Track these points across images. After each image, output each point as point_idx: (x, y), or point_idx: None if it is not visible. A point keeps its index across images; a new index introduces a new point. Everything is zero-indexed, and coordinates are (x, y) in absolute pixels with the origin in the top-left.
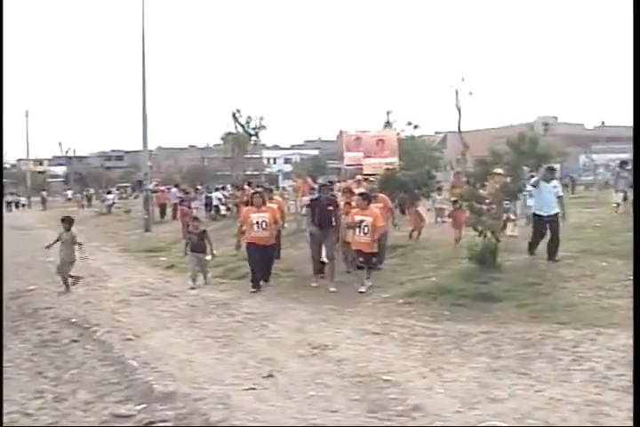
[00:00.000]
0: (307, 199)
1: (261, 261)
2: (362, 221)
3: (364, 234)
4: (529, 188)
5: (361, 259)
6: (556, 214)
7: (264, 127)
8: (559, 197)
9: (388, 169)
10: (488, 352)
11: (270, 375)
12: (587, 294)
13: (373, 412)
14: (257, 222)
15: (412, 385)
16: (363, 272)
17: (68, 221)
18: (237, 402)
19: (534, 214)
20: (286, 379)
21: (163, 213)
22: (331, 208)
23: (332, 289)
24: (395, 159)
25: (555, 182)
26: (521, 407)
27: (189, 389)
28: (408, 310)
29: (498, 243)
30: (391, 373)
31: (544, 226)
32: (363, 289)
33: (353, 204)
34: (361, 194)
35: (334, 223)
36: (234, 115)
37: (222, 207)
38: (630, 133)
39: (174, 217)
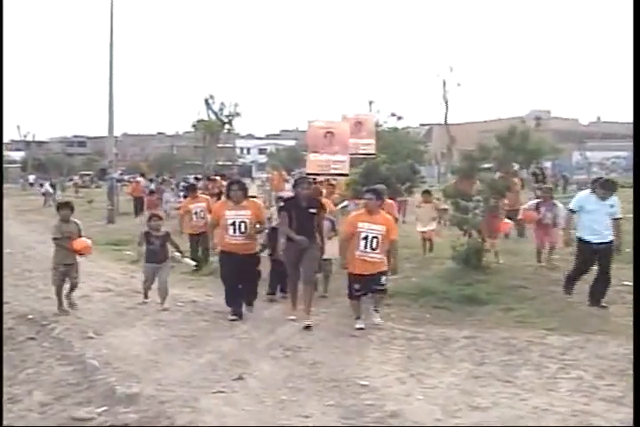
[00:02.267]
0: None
1: (239, 279)
2: (368, 232)
3: (372, 249)
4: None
5: (357, 286)
6: (610, 242)
7: (238, 115)
8: (615, 220)
9: (366, 155)
10: (471, 358)
11: (240, 378)
12: (576, 298)
13: (349, 418)
14: (233, 223)
15: (391, 391)
16: (358, 303)
17: (67, 208)
18: (205, 405)
19: (579, 240)
20: (257, 382)
21: (140, 210)
22: (313, 211)
23: (308, 323)
24: (372, 140)
25: (613, 200)
26: (504, 416)
27: (154, 391)
28: (387, 312)
29: (483, 243)
30: (368, 377)
31: (591, 256)
32: (361, 325)
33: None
34: (371, 190)
35: (318, 233)
36: (206, 101)
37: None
38: (626, 131)
39: (141, 209)
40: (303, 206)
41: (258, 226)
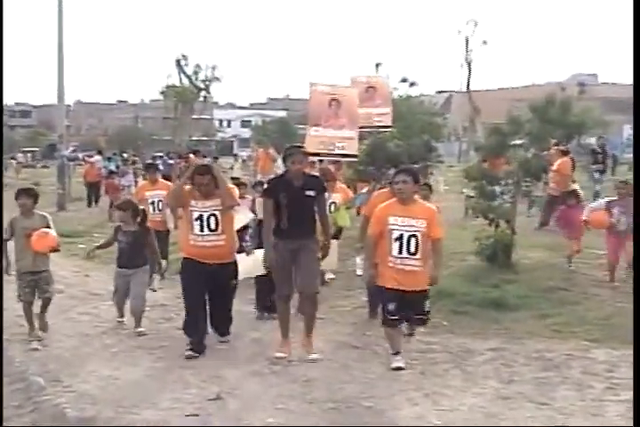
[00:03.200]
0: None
1: (208, 298)
2: (403, 230)
3: (410, 254)
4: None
5: (392, 306)
6: None
7: (217, 80)
8: None
9: (380, 128)
10: (497, 375)
11: (218, 398)
12: (625, 303)
13: None
14: (200, 218)
15: (400, 414)
16: (394, 332)
17: (28, 197)
18: None
19: None
20: (238, 402)
21: (95, 198)
22: (310, 193)
23: (313, 357)
24: (388, 110)
25: None
26: None
27: (113, 413)
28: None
29: (513, 236)
30: (373, 398)
31: None
32: (400, 364)
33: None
34: (404, 171)
35: (322, 225)
36: (178, 62)
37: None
38: None
39: (96, 199)
40: (296, 188)
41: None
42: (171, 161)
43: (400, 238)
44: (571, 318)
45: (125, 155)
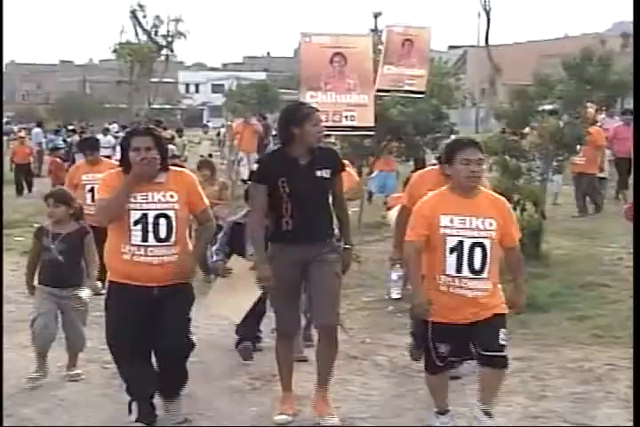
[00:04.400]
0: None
1: (151, 342)
2: (465, 236)
3: (473, 272)
4: None
5: (444, 348)
6: None
7: (182, 35)
8: None
9: (412, 93)
10: (527, 389)
11: (187, 421)
12: None
13: None
14: (143, 221)
15: None
16: (441, 381)
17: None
18: None
19: None
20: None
21: (27, 185)
22: (324, 175)
23: (333, 422)
24: (423, 71)
25: None
26: None
27: None
28: (402, 323)
29: (543, 221)
30: (375, 418)
31: None
32: (450, 424)
33: None
34: (469, 143)
35: (340, 221)
36: (133, 13)
37: None
38: None
39: (28, 184)
40: (302, 167)
41: (198, 227)
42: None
43: (458, 249)
44: (613, 320)
45: (72, 127)
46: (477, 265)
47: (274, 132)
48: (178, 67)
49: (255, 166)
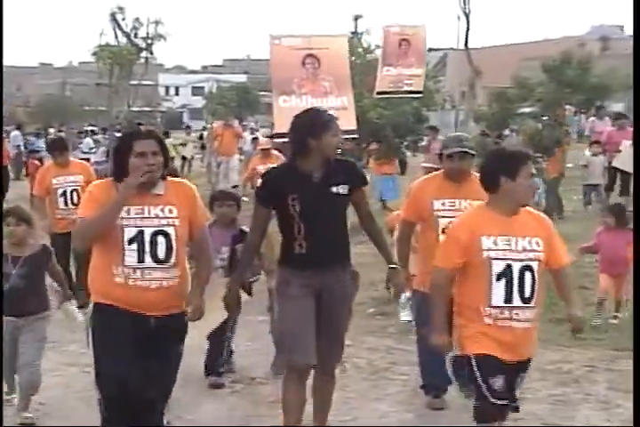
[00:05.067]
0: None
1: (144, 383)
2: (512, 258)
3: (524, 301)
4: None
5: (499, 383)
6: None
7: (162, 38)
8: None
9: (410, 93)
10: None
11: (168, 422)
12: None
13: None
14: (138, 238)
15: None
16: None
17: None
18: None
19: None
20: None
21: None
22: (341, 191)
23: None
24: (421, 71)
25: None
26: None
27: None
28: (382, 325)
29: None
30: (358, 420)
31: None
32: None
33: None
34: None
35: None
36: (113, 16)
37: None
38: None
39: (9, 180)
40: (316, 183)
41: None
42: (97, 136)
43: (506, 274)
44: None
45: (52, 130)
46: (528, 292)
47: (255, 136)
48: (158, 69)
49: (260, 182)
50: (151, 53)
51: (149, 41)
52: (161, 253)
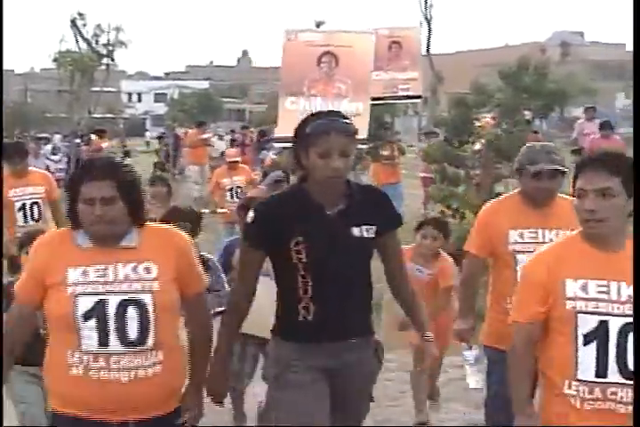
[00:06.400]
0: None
1: None
2: (609, 314)
3: (627, 376)
4: None
5: None
6: None
7: (123, 44)
8: None
9: (407, 98)
10: (466, 397)
11: None
12: None
13: None
14: (92, 313)
15: None
16: None
17: None
18: None
19: None
20: None
21: None
22: (364, 234)
23: None
24: (417, 74)
25: None
26: None
27: None
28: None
29: None
30: None
31: None
32: None
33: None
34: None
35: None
36: (73, 22)
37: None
38: None
39: None
40: (330, 218)
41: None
42: (61, 144)
43: (599, 334)
44: None
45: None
46: (630, 361)
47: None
48: (120, 76)
49: (250, 215)
50: (112, 60)
51: (110, 47)
52: (132, 332)
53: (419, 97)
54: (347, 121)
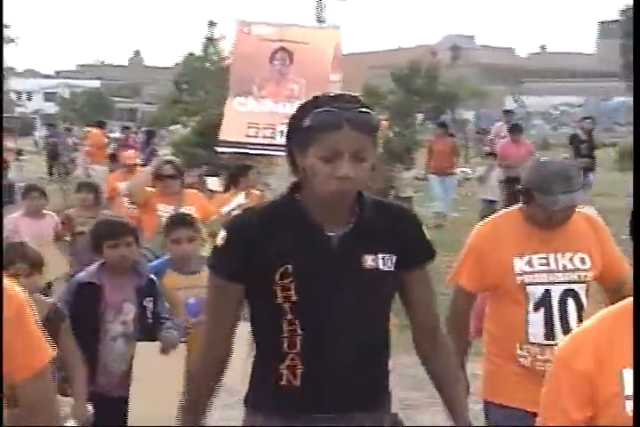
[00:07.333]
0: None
1: None
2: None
3: None
4: None
5: None
6: None
7: (12, 41)
8: None
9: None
10: None
11: None
12: None
13: None
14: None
15: None
16: None
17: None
18: None
19: None
20: None
21: None
22: (381, 266)
23: None
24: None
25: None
26: None
27: None
28: None
29: None
30: None
31: None
32: None
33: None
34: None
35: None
36: None
37: None
38: (582, 65)
39: None
40: (332, 243)
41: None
42: None
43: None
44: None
45: None
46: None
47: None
48: (9, 73)
49: (221, 235)
50: None
51: None
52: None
53: None
54: (364, 110)
